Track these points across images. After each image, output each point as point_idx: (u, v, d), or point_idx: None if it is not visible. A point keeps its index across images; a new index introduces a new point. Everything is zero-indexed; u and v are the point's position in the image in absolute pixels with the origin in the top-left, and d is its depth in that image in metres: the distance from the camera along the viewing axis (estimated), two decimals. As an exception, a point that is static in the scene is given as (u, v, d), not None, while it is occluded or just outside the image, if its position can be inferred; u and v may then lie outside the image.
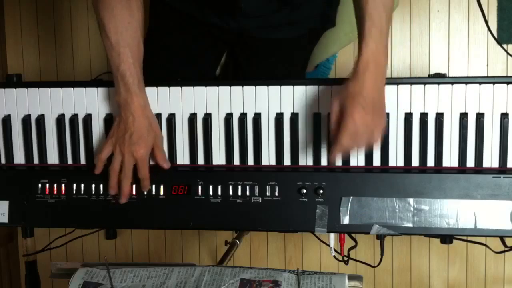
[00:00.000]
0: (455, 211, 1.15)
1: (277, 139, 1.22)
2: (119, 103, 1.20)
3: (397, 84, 1.18)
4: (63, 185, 1.25)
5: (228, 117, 1.23)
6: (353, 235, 1.36)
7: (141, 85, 1.20)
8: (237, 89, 1.23)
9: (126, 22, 1.19)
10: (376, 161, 1.20)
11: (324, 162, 1.21)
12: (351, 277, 1.17)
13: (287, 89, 1.21)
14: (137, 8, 1.21)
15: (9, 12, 2.10)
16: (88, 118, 1.26)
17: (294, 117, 1.21)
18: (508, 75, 1.95)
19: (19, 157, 1.30)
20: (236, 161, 1.24)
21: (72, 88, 1.27)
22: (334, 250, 1.40)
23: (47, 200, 1.25)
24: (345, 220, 1.17)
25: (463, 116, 1.17)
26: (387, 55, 1.12)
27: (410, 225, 1.16)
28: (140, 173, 1.21)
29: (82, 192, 1.24)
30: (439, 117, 1.17)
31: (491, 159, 1.17)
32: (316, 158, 1.21)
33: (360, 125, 1.08)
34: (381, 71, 1.11)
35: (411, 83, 1.18)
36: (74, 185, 1.25)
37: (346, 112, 1.08)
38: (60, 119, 1.27)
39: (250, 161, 1.23)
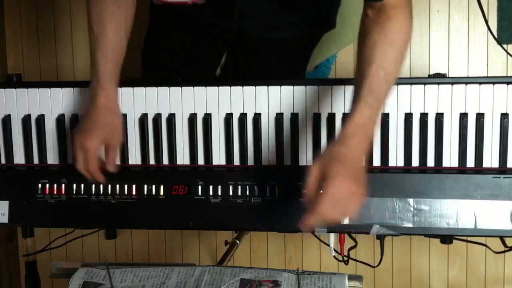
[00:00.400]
0: (455, 211, 1.15)
1: (277, 139, 1.22)
2: (90, 90, 1.20)
3: (397, 84, 1.18)
4: (63, 185, 1.25)
5: (228, 117, 1.23)
6: (353, 235, 1.35)
7: (112, 78, 1.19)
8: (237, 89, 1.23)
9: (111, 14, 1.19)
10: (376, 161, 1.20)
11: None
12: (351, 277, 1.17)
13: (287, 89, 1.21)
14: (126, 6, 1.22)
15: (9, 12, 2.09)
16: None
17: (294, 117, 1.21)
18: (508, 75, 1.95)
19: (19, 157, 1.30)
20: (236, 161, 1.24)
21: (72, 88, 1.27)
22: (334, 250, 1.39)
23: (47, 200, 1.25)
24: (345, 220, 1.17)
25: (463, 116, 1.17)
26: (376, 128, 1.07)
27: (410, 225, 1.16)
28: (87, 166, 1.18)
29: (82, 192, 1.24)
30: (439, 117, 1.17)
31: (491, 159, 1.17)
32: (316, 158, 1.21)
33: (343, 192, 0.97)
34: (368, 140, 1.04)
35: (411, 83, 1.18)
36: (74, 185, 1.25)
37: (328, 176, 0.98)
38: (60, 119, 1.27)
39: (250, 161, 1.23)
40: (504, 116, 1.16)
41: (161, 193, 1.22)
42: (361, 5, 1.11)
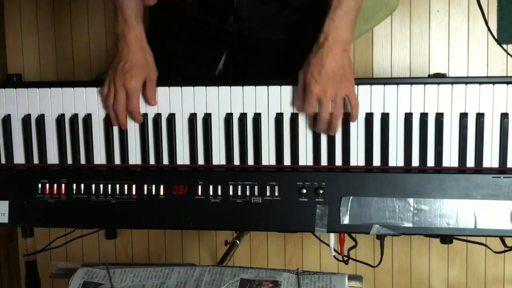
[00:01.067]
0: (455, 211, 1.15)
1: (277, 139, 1.22)
2: (117, 34, 1.22)
3: (397, 84, 1.18)
4: (63, 185, 1.25)
5: (228, 117, 1.23)
6: (353, 235, 1.36)
7: (138, 17, 1.22)
8: (237, 89, 1.23)
9: None
10: (376, 161, 1.20)
11: (324, 162, 1.21)
12: (351, 277, 1.17)
13: (287, 89, 1.21)
14: None
15: (9, 12, 2.09)
16: (88, 118, 1.26)
17: (294, 117, 1.21)
18: (508, 75, 1.95)
19: (19, 157, 1.30)
20: (236, 161, 1.24)
21: (72, 88, 1.27)
22: (334, 250, 1.39)
23: (47, 200, 1.25)
24: (345, 220, 1.17)
25: (463, 116, 1.17)
26: (351, 31, 1.18)
27: (410, 225, 1.16)
28: (130, 106, 1.21)
29: (82, 192, 1.24)
30: (439, 117, 1.17)
31: (491, 159, 1.17)
32: (316, 158, 1.21)
33: (318, 94, 1.14)
34: (342, 44, 1.16)
35: (411, 83, 1.18)
36: (74, 185, 1.25)
37: (306, 83, 1.15)
38: (60, 119, 1.27)
39: (250, 161, 1.23)
40: (504, 116, 1.16)
41: (161, 193, 1.22)
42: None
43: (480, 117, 1.16)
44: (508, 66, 1.94)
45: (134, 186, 1.23)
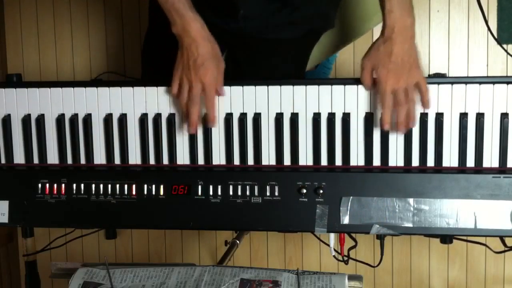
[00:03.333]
0: (455, 211, 1.15)
1: (277, 139, 1.22)
2: (178, 33, 1.20)
3: (397, 84, 1.18)
4: (63, 185, 1.25)
5: (228, 117, 1.23)
6: (353, 235, 1.36)
7: (193, 10, 1.21)
8: (237, 89, 1.23)
9: None
10: (376, 161, 1.20)
11: (324, 162, 1.21)
12: (351, 277, 1.17)
13: (287, 89, 1.21)
14: None
15: (9, 12, 2.10)
16: (88, 118, 1.26)
17: (294, 117, 1.21)
18: (508, 75, 1.95)
19: (19, 157, 1.30)
20: (236, 161, 1.24)
21: (72, 88, 1.27)
22: (334, 250, 1.40)
23: (47, 200, 1.25)
24: (345, 220, 1.17)
25: (463, 116, 1.17)
26: (412, 15, 1.17)
27: (410, 225, 1.16)
28: (208, 100, 1.19)
29: (82, 192, 1.24)
30: (439, 117, 1.17)
31: (491, 159, 1.17)
32: (316, 158, 1.21)
33: (392, 86, 1.14)
34: (407, 32, 1.16)
35: (411, 83, 1.18)
36: (74, 185, 1.25)
37: (378, 75, 1.15)
38: (60, 119, 1.27)
39: (250, 161, 1.23)
40: (504, 116, 1.16)
41: (161, 193, 1.22)
42: (360, 5, 1.11)
43: (480, 117, 1.16)
44: (508, 66, 1.94)
45: (134, 186, 1.23)
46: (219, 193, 1.21)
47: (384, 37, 1.17)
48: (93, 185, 1.24)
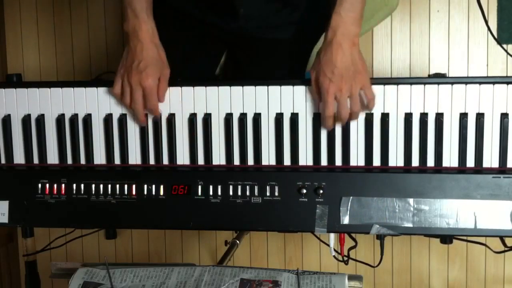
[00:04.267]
0: (455, 211, 1.15)
1: (277, 139, 1.22)
2: (128, 31, 1.20)
3: (397, 84, 1.18)
4: (63, 185, 1.25)
5: (228, 117, 1.23)
6: (353, 235, 1.36)
7: (149, 12, 1.21)
8: (237, 89, 1.23)
9: None
10: (376, 161, 1.20)
11: (324, 162, 1.21)
12: (351, 277, 1.17)
13: (287, 89, 1.21)
14: None
15: (9, 12, 2.10)
16: (88, 118, 1.26)
17: (294, 117, 1.21)
18: (508, 75, 1.95)
19: (19, 157, 1.30)
20: (236, 161, 1.24)
21: (72, 88, 1.27)
22: (334, 250, 1.40)
23: (47, 200, 1.25)
24: (345, 220, 1.17)
25: (463, 116, 1.17)
26: (359, 26, 1.16)
27: (410, 225, 1.16)
28: (149, 104, 1.20)
29: (82, 192, 1.24)
30: (439, 117, 1.17)
31: (491, 159, 1.17)
32: (316, 158, 1.21)
33: (335, 93, 1.13)
34: (350, 39, 1.14)
35: (411, 83, 1.18)
36: (74, 185, 1.25)
37: (320, 85, 1.14)
38: (60, 119, 1.27)
39: (250, 161, 1.23)
40: (504, 116, 1.16)
41: (161, 193, 1.22)
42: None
43: (480, 117, 1.16)
44: (508, 66, 1.94)
45: (134, 186, 1.23)
46: (219, 193, 1.21)
47: (326, 42, 1.15)
48: (93, 185, 1.24)
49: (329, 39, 1.15)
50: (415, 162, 1.19)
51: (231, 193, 1.20)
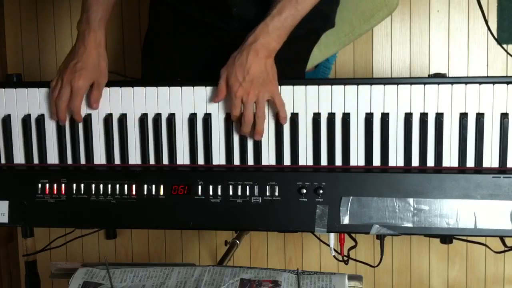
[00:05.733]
0: (455, 211, 1.15)
1: (277, 139, 1.22)
2: (78, 32, 1.25)
3: (397, 84, 1.18)
4: (63, 185, 1.25)
5: (228, 117, 1.23)
6: (353, 235, 1.36)
7: (101, 23, 1.25)
8: (237, 89, 1.23)
9: None
10: (376, 161, 1.20)
11: (324, 162, 1.21)
12: (351, 277, 1.17)
13: (287, 89, 1.21)
14: None
15: (9, 12, 2.10)
16: (88, 118, 1.26)
17: (294, 117, 1.21)
18: (508, 75, 1.95)
19: (19, 157, 1.30)
20: (236, 161, 1.24)
21: (72, 88, 1.27)
22: (334, 250, 1.39)
23: (47, 200, 1.25)
24: (345, 220, 1.17)
25: (463, 116, 1.17)
26: (280, 42, 1.20)
27: (410, 225, 1.16)
28: (71, 104, 1.23)
29: (82, 192, 1.24)
30: (439, 117, 1.17)
31: (491, 159, 1.17)
32: (316, 158, 1.21)
33: (242, 96, 1.16)
34: (267, 51, 1.18)
35: (411, 83, 1.18)
36: (74, 185, 1.25)
37: (230, 86, 1.17)
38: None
39: (250, 161, 1.23)
40: (504, 116, 1.16)
41: (161, 193, 1.22)
42: (359, 4, 1.11)
43: (480, 117, 1.16)
44: (508, 66, 1.94)
45: (134, 186, 1.23)
46: (219, 193, 1.21)
47: (245, 44, 1.18)
48: (93, 185, 1.24)
49: (248, 42, 1.18)
50: (415, 162, 1.19)
51: (231, 193, 1.20)
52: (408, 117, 1.18)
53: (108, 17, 1.27)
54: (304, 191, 1.18)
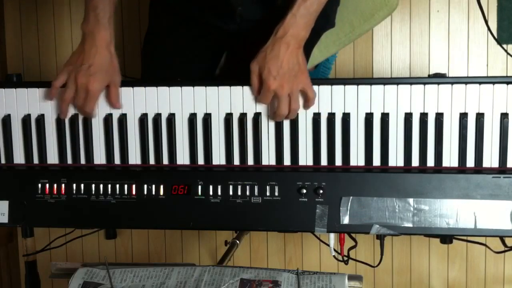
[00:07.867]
0: (455, 211, 1.15)
1: (277, 139, 1.22)
2: (85, 33, 1.22)
3: (397, 84, 1.18)
4: (63, 185, 1.25)
5: (228, 117, 1.23)
6: (353, 235, 1.36)
7: (111, 21, 1.23)
8: (237, 89, 1.23)
9: None
10: (376, 161, 1.20)
11: (324, 162, 1.21)
12: (351, 277, 1.17)
13: (287, 89, 1.21)
14: None
15: (9, 12, 2.10)
16: (88, 118, 1.26)
17: (294, 117, 1.21)
18: (508, 75, 1.95)
19: (19, 157, 1.30)
20: (236, 161, 1.24)
21: (72, 88, 1.27)
22: (334, 250, 1.39)
23: (47, 200, 1.25)
24: (345, 220, 1.17)
25: (463, 116, 1.17)
26: (308, 30, 1.20)
27: (410, 225, 1.16)
28: (87, 107, 1.22)
29: (82, 192, 1.24)
30: (439, 117, 1.17)
31: (491, 159, 1.17)
32: (316, 158, 1.21)
33: (276, 89, 1.16)
34: (297, 41, 1.18)
35: (411, 83, 1.18)
36: (74, 185, 1.25)
37: (263, 79, 1.16)
38: (60, 119, 1.27)
39: (250, 161, 1.23)
40: (504, 116, 1.16)
41: (161, 193, 1.22)
42: (359, 4, 1.11)
43: (480, 117, 1.16)
44: (508, 66, 1.94)
45: (134, 186, 1.23)
46: (219, 193, 1.21)
47: (275, 38, 1.18)
48: (93, 185, 1.24)
49: (278, 36, 1.17)
50: (415, 162, 1.19)
51: (231, 193, 1.20)
52: (408, 117, 1.18)
53: (113, 14, 1.25)
54: (304, 191, 1.18)
